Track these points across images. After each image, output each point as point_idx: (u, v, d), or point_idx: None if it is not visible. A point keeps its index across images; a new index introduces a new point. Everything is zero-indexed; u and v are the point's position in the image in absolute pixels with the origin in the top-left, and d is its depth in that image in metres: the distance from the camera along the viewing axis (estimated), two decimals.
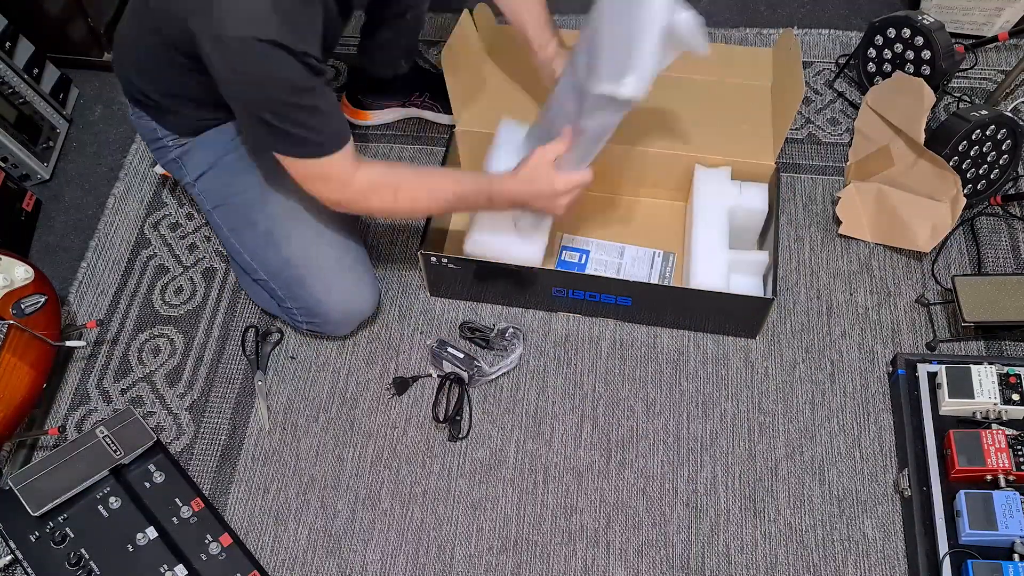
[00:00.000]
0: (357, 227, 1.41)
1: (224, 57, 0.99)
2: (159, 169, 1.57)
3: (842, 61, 1.63)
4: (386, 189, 1.16)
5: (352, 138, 1.12)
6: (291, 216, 1.29)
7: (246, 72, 1.00)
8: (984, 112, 1.33)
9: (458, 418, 1.31)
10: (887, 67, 1.53)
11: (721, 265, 1.28)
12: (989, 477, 1.13)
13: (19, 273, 1.34)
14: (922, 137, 1.32)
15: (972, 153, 1.36)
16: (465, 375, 1.33)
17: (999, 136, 1.36)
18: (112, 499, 1.21)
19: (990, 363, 1.20)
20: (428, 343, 1.37)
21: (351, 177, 1.13)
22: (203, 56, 1.00)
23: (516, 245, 1.32)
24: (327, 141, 1.09)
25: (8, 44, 1.61)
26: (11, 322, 1.29)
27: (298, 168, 1.11)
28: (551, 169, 1.15)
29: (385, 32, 1.48)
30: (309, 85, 1.03)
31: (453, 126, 1.46)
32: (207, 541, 1.20)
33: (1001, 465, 1.12)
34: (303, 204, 1.30)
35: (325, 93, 1.07)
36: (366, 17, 1.47)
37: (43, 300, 1.34)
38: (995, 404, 1.18)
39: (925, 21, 1.44)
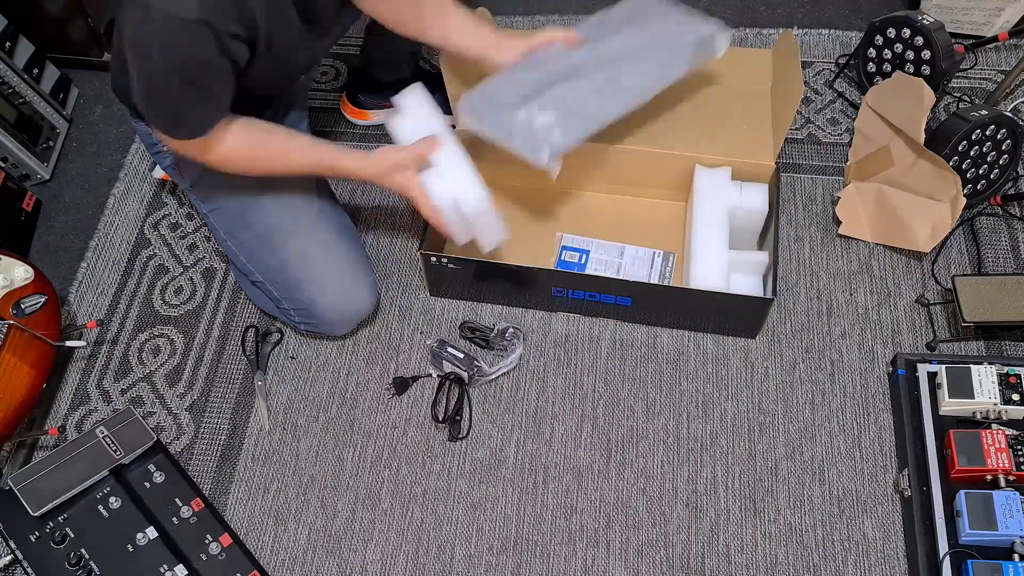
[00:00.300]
0: (355, 228, 1.41)
1: (134, 26, 0.97)
2: (158, 173, 1.57)
3: (842, 61, 1.63)
4: (242, 161, 1.17)
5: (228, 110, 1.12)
6: (286, 219, 1.29)
7: (157, 43, 0.98)
8: (984, 112, 1.33)
9: (458, 418, 1.31)
10: (887, 67, 1.53)
11: (721, 265, 1.28)
12: (989, 477, 1.13)
13: (19, 273, 1.34)
14: (922, 137, 1.32)
15: (972, 153, 1.36)
16: (465, 375, 1.33)
17: (999, 136, 1.36)
18: (112, 499, 1.21)
19: (990, 363, 1.20)
20: (428, 343, 1.37)
21: (208, 150, 1.14)
22: (117, 27, 0.99)
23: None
24: (202, 126, 1.09)
25: (8, 44, 1.61)
26: (11, 322, 1.29)
27: (163, 135, 1.13)
28: (403, 175, 1.16)
29: (389, 35, 1.48)
30: (214, 66, 1.02)
31: (452, 127, 1.45)
32: (207, 541, 1.20)
33: (1001, 465, 1.12)
34: (298, 206, 1.30)
35: (223, 83, 1.06)
36: (371, 18, 1.47)
37: (43, 300, 1.34)
38: (995, 404, 1.18)
39: (925, 21, 1.44)
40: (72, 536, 1.19)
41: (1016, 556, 1.07)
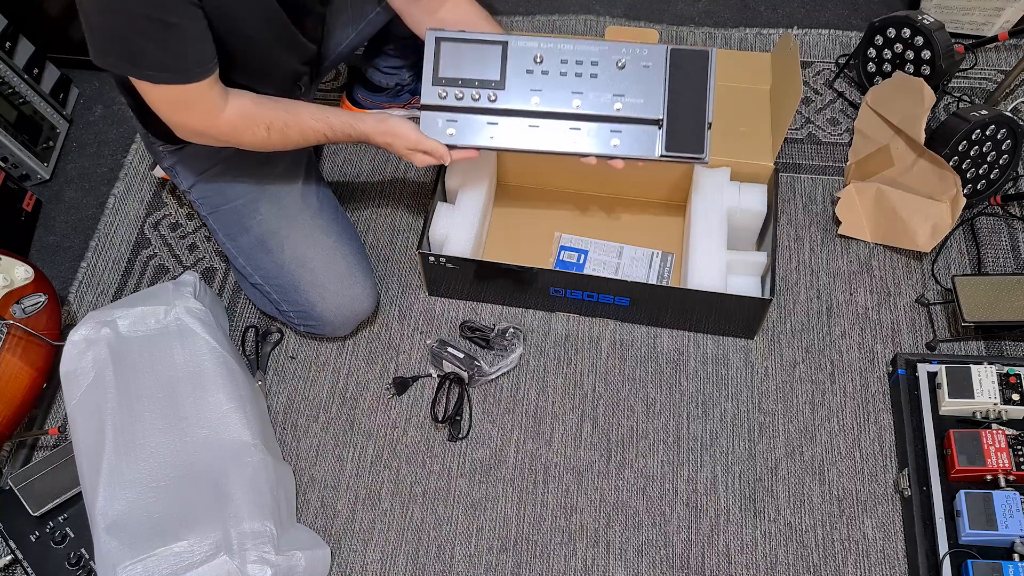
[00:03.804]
0: (355, 229, 1.41)
1: None
2: (159, 172, 1.57)
3: (842, 61, 1.63)
4: (258, 126, 1.12)
5: (218, 69, 1.06)
6: (284, 221, 1.29)
7: None
8: (984, 112, 1.33)
9: (458, 418, 1.31)
10: (887, 67, 1.53)
11: (719, 266, 1.28)
12: (989, 477, 1.13)
13: (19, 273, 1.34)
14: (922, 137, 1.32)
15: (972, 153, 1.36)
16: (465, 375, 1.33)
17: (999, 136, 1.36)
18: None
19: (990, 363, 1.20)
20: (428, 343, 1.37)
21: (219, 109, 1.08)
22: None
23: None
24: (191, 67, 1.02)
25: (8, 44, 1.61)
26: (11, 322, 1.29)
27: (157, 94, 1.05)
28: (413, 131, 1.16)
29: (392, 46, 1.48)
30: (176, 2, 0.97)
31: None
32: None
33: (1001, 465, 1.12)
34: (297, 209, 1.30)
35: (194, 14, 1.00)
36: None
37: (43, 300, 1.34)
38: (995, 404, 1.18)
39: (925, 21, 1.44)
40: (72, 536, 1.20)
41: (1016, 556, 1.07)
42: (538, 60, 1.16)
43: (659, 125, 1.16)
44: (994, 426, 1.17)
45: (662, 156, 1.17)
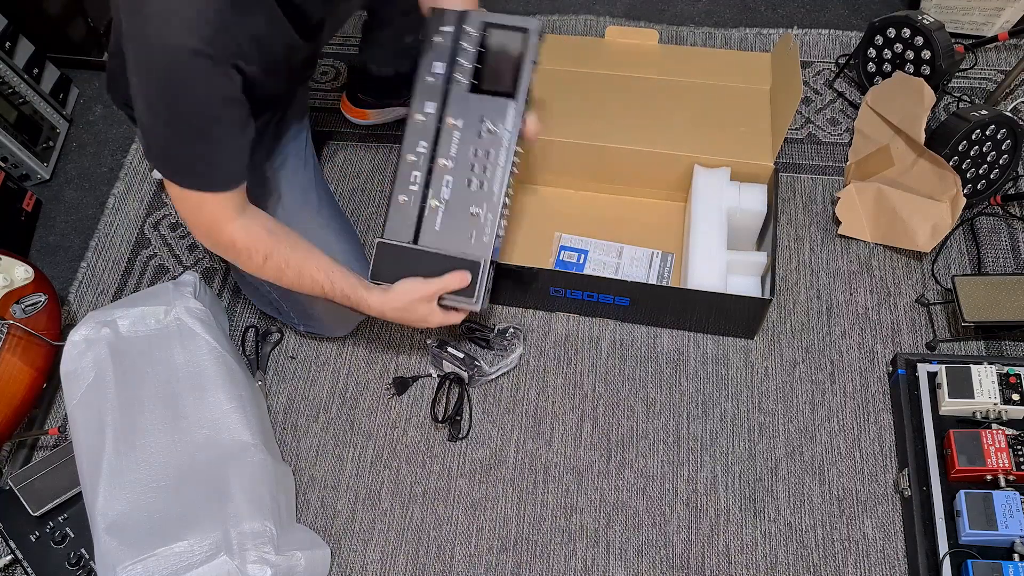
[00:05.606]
0: (354, 229, 1.41)
1: (139, 58, 0.94)
2: (158, 174, 1.57)
3: (842, 61, 1.63)
4: (257, 253, 1.09)
5: (244, 186, 1.06)
6: (285, 220, 1.29)
7: (158, 77, 0.94)
8: (984, 112, 1.33)
9: (458, 418, 1.31)
10: (887, 67, 1.53)
11: (719, 266, 1.28)
12: (989, 477, 1.13)
13: (19, 273, 1.34)
14: (922, 137, 1.32)
15: (972, 153, 1.36)
16: (465, 375, 1.33)
17: (999, 136, 1.36)
18: None
19: (990, 363, 1.20)
20: (428, 343, 1.37)
21: (226, 222, 1.06)
22: (126, 57, 0.95)
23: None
24: (216, 179, 1.03)
25: (8, 44, 1.61)
26: (11, 322, 1.29)
27: (175, 190, 1.04)
28: (428, 305, 1.15)
29: (387, 30, 1.48)
30: (221, 111, 0.98)
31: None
32: None
33: (1001, 465, 1.12)
34: (297, 208, 1.30)
35: (236, 128, 1.02)
36: (368, 15, 1.47)
37: (43, 300, 1.34)
38: (995, 404, 1.18)
39: (925, 21, 1.44)
40: (72, 536, 1.20)
41: (1016, 556, 1.07)
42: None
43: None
44: (994, 426, 1.17)
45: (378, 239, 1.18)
